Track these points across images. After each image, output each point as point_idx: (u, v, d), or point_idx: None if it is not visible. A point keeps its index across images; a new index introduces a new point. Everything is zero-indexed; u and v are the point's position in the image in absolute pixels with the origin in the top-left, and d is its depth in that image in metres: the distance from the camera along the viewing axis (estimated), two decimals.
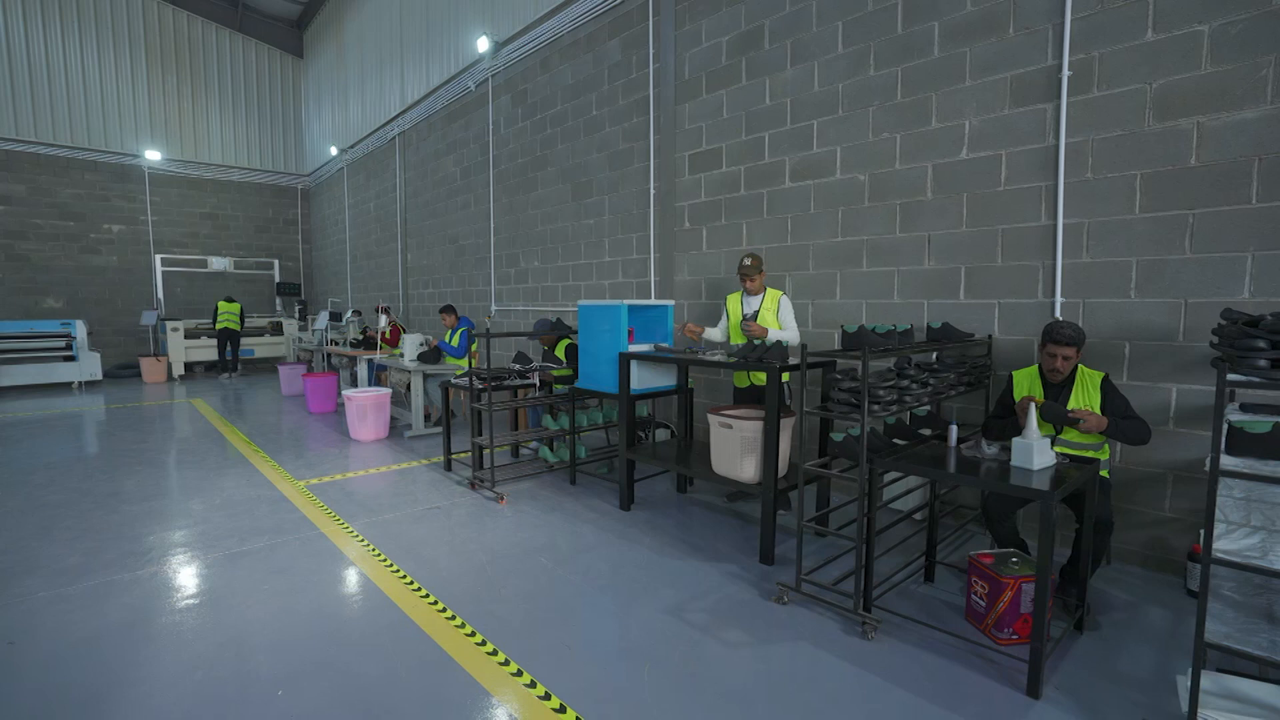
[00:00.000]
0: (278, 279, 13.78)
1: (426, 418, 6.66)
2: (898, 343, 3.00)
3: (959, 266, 3.89)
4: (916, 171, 4.04)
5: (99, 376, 10.54)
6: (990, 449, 2.77)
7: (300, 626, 2.70)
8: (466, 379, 4.94)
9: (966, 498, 3.86)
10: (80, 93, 12.32)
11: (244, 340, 12.13)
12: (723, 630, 2.68)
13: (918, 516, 3.63)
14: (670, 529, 3.87)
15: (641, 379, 4.35)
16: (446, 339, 7.05)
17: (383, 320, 7.04)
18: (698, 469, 3.82)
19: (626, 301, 4.32)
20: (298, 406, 8.44)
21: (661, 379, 4.52)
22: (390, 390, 6.42)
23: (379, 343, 7.48)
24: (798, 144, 4.65)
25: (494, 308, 8.09)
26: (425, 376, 6.54)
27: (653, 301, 4.59)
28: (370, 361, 7.98)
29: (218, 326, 11.68)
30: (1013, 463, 2.58)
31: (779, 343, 3.49)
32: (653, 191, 5.79)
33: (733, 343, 4.41)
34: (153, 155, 12.97)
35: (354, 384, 8.31)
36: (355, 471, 5.14)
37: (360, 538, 3.71)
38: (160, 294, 12.70)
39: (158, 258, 12.70)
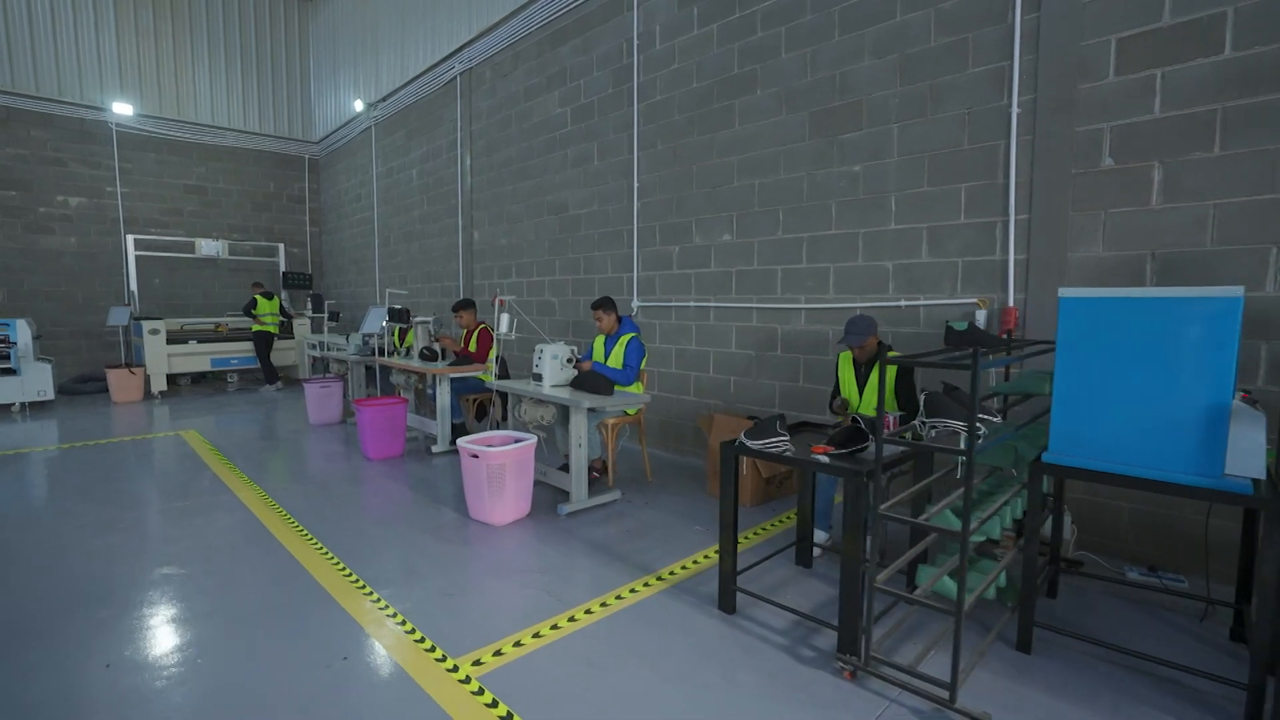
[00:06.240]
0: (283, 268, 11.06)
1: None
2: None
3: None
4: None
5: (50, 395, 7.79)
6: None
7: None
8: (844, 441, 2.51)
9: None
10: (24, 25, 9.48)
11: (234, 345, 9.50)
12: None
13: None
14: None
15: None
16: (596, 352, 4.61)
17: (504, 323, 4.52)
18: None
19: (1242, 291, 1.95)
20: (339, 443, 5.87)
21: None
22: (533, 439, 3.94)
23: (490, 358, 4.97)
24: None
25: (636, 303, 5.63)
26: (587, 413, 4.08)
27: None
28: (455, 382, 5.48)
29: (256, 329, 9.19)
30: None
31: None
32: (1015, 110, 3.42)
33: None
34: (122, 109, 10.18)
35: (430, 414, 5.79)
36: (550, 621, 2.66)
37: None
38: (134, 286, 9.92)
39: (130, 239, 9.91)
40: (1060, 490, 2.79)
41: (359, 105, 10.07)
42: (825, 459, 2.43)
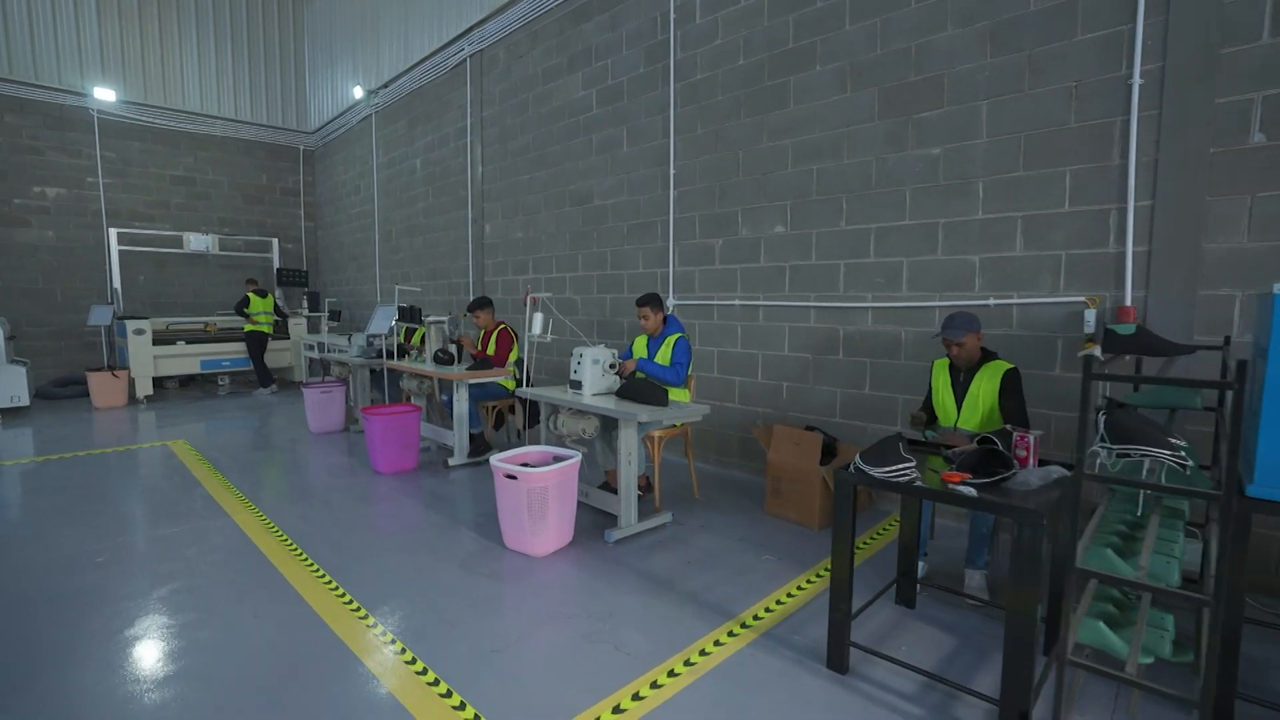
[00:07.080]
0: (278, 264, 10.49)
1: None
2: None
3: None
4: None
5: (26, 400, 7.21)
6: None
7: None
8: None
9: None
10: None
11: (226, 346, 8.92)
12: None
13: None
14: None
15: None
16: (637, 353, 4.15)
17: (537, 323, 4.03)
18: None
19: None
20: (343, 454, 5.36)
21: None
22: (577, 456, 3.47)
23: (511, 361, 4.49)
24: None
25: (672, 301, 5.17)
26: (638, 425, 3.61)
27: None
28: (473, 388, 4.99)
29: (249, 329, 8.56)
30: None
31: None
32: (1138, 81, 2.99)
33: None
34: (104, 95, 9.55)
35: (442, 422, 5.31)
36: (630, 688, 2.20)
37: None
38: (117, 283, 9.32)
39: (113, 233, 9.31)
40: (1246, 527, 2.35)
41: (358, 92, 9.52)
42: (973, 492, 1.99)
